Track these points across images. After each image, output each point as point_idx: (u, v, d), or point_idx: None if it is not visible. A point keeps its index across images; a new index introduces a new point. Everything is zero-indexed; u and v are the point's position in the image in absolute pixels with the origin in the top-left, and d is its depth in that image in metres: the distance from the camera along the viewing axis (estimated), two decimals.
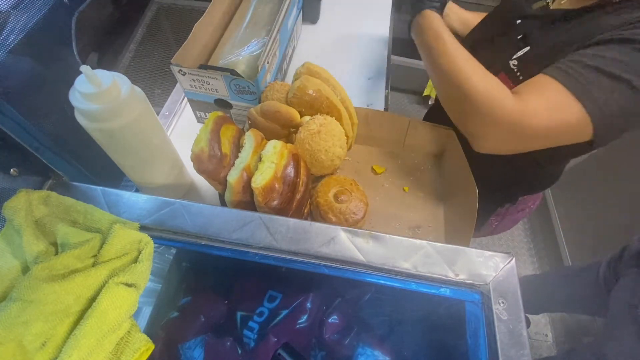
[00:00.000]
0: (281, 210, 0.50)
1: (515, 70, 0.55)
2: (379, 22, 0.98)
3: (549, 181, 0.73)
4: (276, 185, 0.48)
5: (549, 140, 0.48)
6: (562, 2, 0.56)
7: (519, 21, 0.60)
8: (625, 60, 0.42)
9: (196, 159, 0.48)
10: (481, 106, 0.47)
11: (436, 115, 0.83)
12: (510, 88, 0.51)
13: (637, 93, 0.42)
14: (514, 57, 0.56)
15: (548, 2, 0.57)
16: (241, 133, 0.55)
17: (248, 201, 0.50)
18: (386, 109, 0.79)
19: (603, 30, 0.47)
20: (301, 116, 0.59)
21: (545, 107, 0.45)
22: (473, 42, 0.68)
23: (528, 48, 0.55)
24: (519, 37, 0.57)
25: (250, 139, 0.52)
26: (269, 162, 0.49)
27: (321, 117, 0.57)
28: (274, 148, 0.51)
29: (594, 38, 0.47)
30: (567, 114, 0.44)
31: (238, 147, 0.53)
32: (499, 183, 0.70)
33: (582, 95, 0.43)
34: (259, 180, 0.47)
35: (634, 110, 0.43)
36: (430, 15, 0.55)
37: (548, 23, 0.55)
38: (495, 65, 0.57)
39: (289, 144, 0.54)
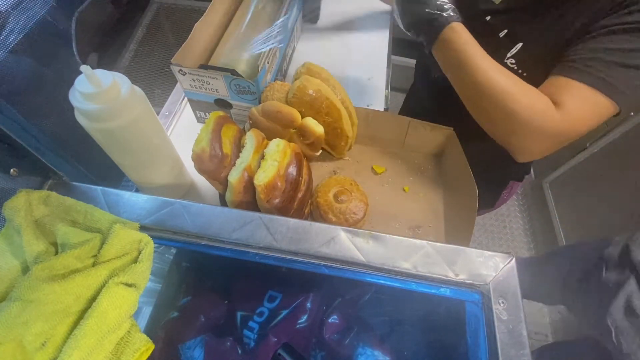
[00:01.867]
0: (283, 209, 0.50)
1: (516, 68, 0.56)
2: (379, 22, 0.98)
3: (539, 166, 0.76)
4: (278, 183, 0.48)
5: (586, 133, 0.50)
6: None
7: (488, 18, 0.60)
8: (633, 47, 0.45)
9: (197, 159, 0.48)
10: (529, 123, 0.48)
11: (415, 99, 0.86)
12: None
13: None
14: (509, 55, 0.56)
15: None
16: (242, 133, 0.55)
17: (249, 201, 0.50)
18: (386, 109, 0.79)
19: (597, 13, 0.48)
20: (302, 117, 0.59)
21: (585, 112, 0.47)
22: None
23: (521, 44, 0.55)
24: (501, 34, 0.58)
25: (251, 138, 0.52)
26: (272, 160, 0.49)
27: None
28: (277, 146, 0.51)
29: (591, 24, 0.48)
30: (603, 112, 0.48)
31: (239, 147, 0.53)
32: (492, 164, 0.72)
33: (612, 94, 0.46)
34: (262, 178, 0.47)
35: None
36: (459, 29, 0.50)
37: (526, 15, 0.56)
38: None
39: (291, 143, 0.54)
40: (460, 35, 0.50)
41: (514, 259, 0.40)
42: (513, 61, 0.56)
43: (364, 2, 1.03)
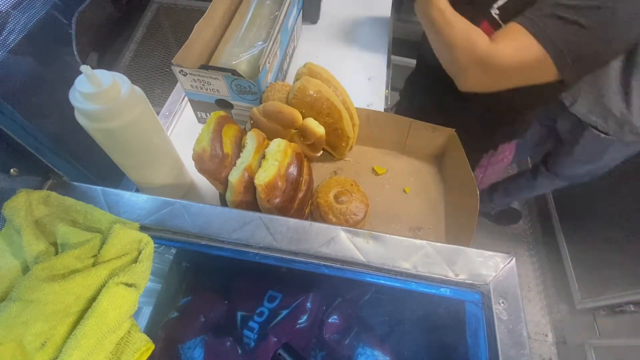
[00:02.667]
0: (283, 209, 0.50)
1: (498, 19, 0.61)
2: (379, 22, 0.98)
3: (525, 127, 0.81)
4: (279, 183, 0.48)
5: (517, 77, 0.57)
6: None
7: None
8: (577, 4, 0.50)
9: (198, 159, 0.48)
10: (461, 48, 0.58)
11: (418, 79, 0.90)
12: (493, 34, 0.59)
13: (585, 30, 0.50)
14: (495, 6, 0.61)
15: None
16: (243, 133, 0.55)
17: (249, 201, 0.50)
18: (386, 109, 0.79)
19: None
20: (303, 117, 0.59)
21: (511, 48, 0.54)
22: None
23: None
24: None
25: (252, 139, 0.52)
26: (273, 160, 0.49)
27: None
28: (278, 146, 0.51)
29: None
30: (528, 52, 0.53)
31: (240, 147, 0.53)
32: (480, 131, 0.77)
33: (541, 36, 0.52)
34: (262, 177, 0.47)
35: (586, 46, 0.52)
36: None
37: None
38: (478, 16, 0.63)
39: (292, 143, 0.54)
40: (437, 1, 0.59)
41: (514, 259, 0.40)
42: (497, 12, 0.61)
43: (364, 2, 1.03)
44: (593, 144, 1.02)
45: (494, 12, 0.61)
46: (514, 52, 0.54)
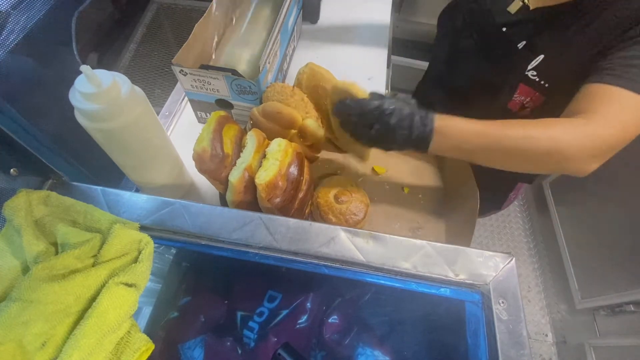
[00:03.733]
0: (284, 208, 0.50)
1: (537, 79, 0.55)
2: (378, 22, 0.98)
3: None
4: (280, 183, 0.48)
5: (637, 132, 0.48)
6: None
7: (504, 29, 0.59)
8: None
9: (198, 159, 0.48)
10: (575, 151, 0.45)
11: (428, 87, 0.84)
12: (536, 96, 0.54)
13: None
14: (530, 67, 0.55)
15: (524, 3, 0.57)
16: (243, 133, 0.55)
17: (249, 201, 0.50)
18: None
19: (622, 22, 0.47)
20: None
21: (626, 115, 0.46)
22: (454, 60, 0.66)
23: (542, 56, 0.54)
24: (520, 45, 0.56)
25: (252, 138, 0.52)
26: (274, 160, 0.49)
27: None
28: (279, 146, 0.51)
29: (618, 33, 0.48)
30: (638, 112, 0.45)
31: (240, 147, 0.53)
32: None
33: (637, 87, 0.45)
34: (263, 177, 0.47)
35: None
36: (442, 127, 0.47)
37: (544, 25, 0.54)
38: (509, 79, 0.58)
39: (293, 143, 0.54)
40: (448, 132, 0.47)
41: (514, 259, 0.40)
42: (534, 73, 0.55)
43: (364, 2, 1.03)
44: None
45: (531, 73, 0.56)
46: (632, 119, 0.46)
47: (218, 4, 0.68)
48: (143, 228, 0.41)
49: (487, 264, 0.39)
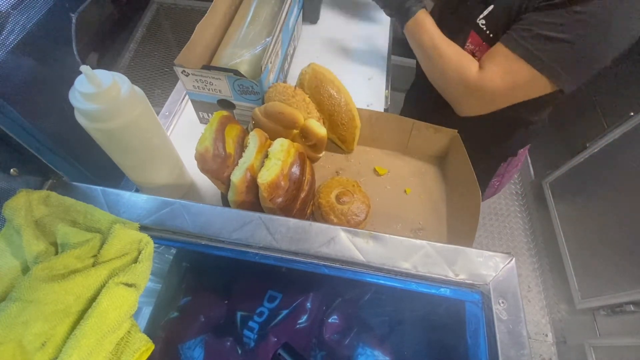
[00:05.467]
0: (285, 208, 0.50)
1: (485, 29, 0.62)
2: (379, 22, 0.98)
3: (540, 129, 0.81)
4: (282, 182, 0.48)
5: (512, 97, 0.59)
6: None
7: None
8: (563, 22, 0.51)
9: (200, 158, 0.48)
10: (452, 78, 0.61)
11: (417, 91, 0.92)
12: (482, 45, 0.62)
13: (574, 45, 0.52)
14: (481, 16, 0.62)
15: None
16: (245, 133, 0.55)
17: (251, 201, 0.49)
18: (386, 109, 0.79)
19: None
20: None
21: (500, 73, 0.56)
22: (439, 8, 0.76)
23: (492, 7, 0.61)
24: None
25: (254, 138, 0.52)
26: (276, 159, 0.49)
27: None
28: (282, 146, 0.51)
29: None
30: (519, 75, 0.55)
31: (242, 146, 0.53)
32: (495, 141, 0.79)
33: (529, 57, 0.54)
34: (265, 176, 0.47)
35: (579, 59, 0.53)
36: (420, 19, 0.63)
37: None
38: (465, 26, 0.65)
39: (295, 143, 0.54)
40: (424, 22, 0.63)
41: (514, 259, 0.40)
42: (483, 22, 0.62)
43: (364, 2, 1.03)
44: None
45: (481, 22, 0.62)
46: (503, 76, 0.56)
47: (219, 3, 0.68)
48: (143, 228, 0.41)
49: (487, 264, 0.39)
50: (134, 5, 1.18)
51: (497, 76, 0.57)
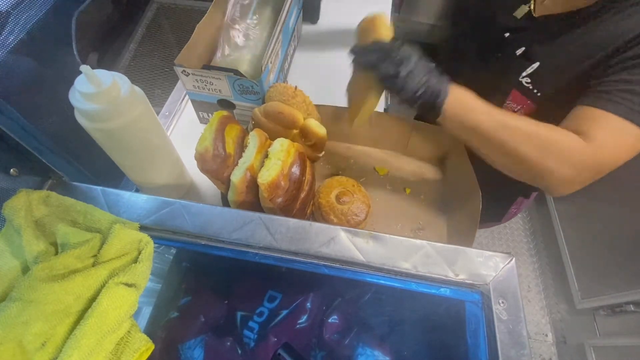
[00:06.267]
0: (285, 208, 0.50)
1: (531, 87, 0.55)
2: None
3: None
4: (282, 182, 0.48)
5: (620, 164, 0.48)
6: (544, 2, 0.55)
7: (507, 34, 0.58)
8: None
9: (200, 158, 0.48)
10: (557, 163, 0.46)
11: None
12: (526, 104, 0.55)
13: None
14: (524, 74, 0.55)
15: (530, 9, 0.56)
16: (245, 133, 0.55)
17: (251, 201, 0.49)
18: (386, 110, 0.79)
19: (622, 35, 0.46)
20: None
21: (619, 144, 0.46)
22: (454, 60, 0.67)
23: (538, 64, 0.54)
24: (518, 52, 0.56)
25: (254, 138, 0.52)
26: (276, 159, 0.49)
27: None
28: (282, 146, 0.51)
29: (617, 47, 0.47)
30: (630, 138, 0.45)
31: (242, 146, 0.53)
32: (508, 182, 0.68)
33: (633, 116, 0.44)
34: (265, 176, 0.47)
35: None
36: (458, 97, 0.47)
37: (546, 33, 0.54)
38: (502, 84, 0.58)
39: (295, 143, 0.54)
40: (462, 103, 0.47)
41: (514, 259, 0.40)
42: (528, 80, 0.55)
43: (364, 2, 1.03)
44: None
45: (525, 80, 0.55)
46: (624, 149, 0.46)
47: (219, 3, 0.68)
48: (143, 228, 0.41)
49: (487, 264, 0.39)
50: (134, 5, 1.18)
51: (619, 148, 0.46)
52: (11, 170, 0.41)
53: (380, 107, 0.79)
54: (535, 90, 0.55)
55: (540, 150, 0.46)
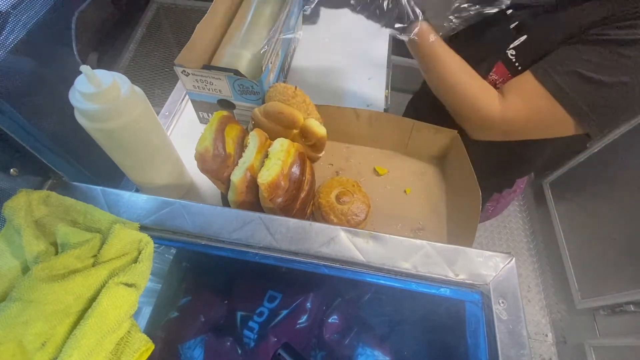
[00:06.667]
0: (285, 208, 0.50)
1: (514, 60, 0.57)
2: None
3: (547, 160, 0.77)
4: (282, 182, 0.48)
5: (530, 132, 0.55)
6: None
7: (510, 11, 0.61)
8: (604, 63, 0.46)
9: (200, 158, 0.48)
10: (472, 112, 0.56)
11: (419, 103, 0.86)
12: (508, 77, 0.57)
13: (610, 92, 0.47)
14: (511, 46, 0.57)
15: None
16: (245, 133, 0.55)
17: (251, 201, 0.49)
18: (386, 110, 0.79)
19: (592, 22, 0.48)
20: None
21: (524, 105, 0.52)
22: (463, 33, 0.69)
23: (525, 37, 0.56)
24: (511, 26, 0.59)
25: (254, 138, 0.52)
26: (276, 159, 0.49)
27: None
28: (282, 146, 0.51)
29: (583, 31, 0.49)
30: (547, 114, 0.50)
31: (242, 146, 0.53)
32: (498, 169, 0.74)
33: (559, 95, 0.49)
34: (265, 176, 0.47)
35: (611, 106, 0.48)
36: (425, 33, 0.55)
37: (540, 11, 0.56)
38: (491, 55, 0.60)
39: (295, 143, 0.54)
40: (427, 38, 0.54)
41: (514, 259, 0.40)
42: (513, 52, 0.57)
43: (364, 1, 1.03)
44: None
45: (510, 52, 0.57)
46: (527, 110, 0.51)
47: (219, 3, 0.68)
48: (143, 228, 0.41)
49: (487, 264, 0.39)
50: (134, 5, 1.18)
51: (523, 111, 0.52)
52: (11, 170, 0.41)
53: (380, 107, 0.79)
54: (517, 64, 0.57)
55: (462, 99, 0.56)
